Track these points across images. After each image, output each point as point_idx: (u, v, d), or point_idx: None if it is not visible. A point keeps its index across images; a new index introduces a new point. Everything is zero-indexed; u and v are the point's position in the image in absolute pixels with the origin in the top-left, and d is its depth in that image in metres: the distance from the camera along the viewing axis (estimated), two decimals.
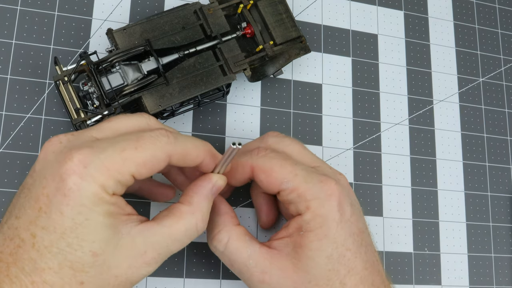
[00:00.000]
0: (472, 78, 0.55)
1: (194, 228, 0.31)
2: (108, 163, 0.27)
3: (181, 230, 0.30)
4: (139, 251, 0.29)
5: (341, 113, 0.50)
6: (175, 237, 0.30)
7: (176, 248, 0.31)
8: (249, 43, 0.45)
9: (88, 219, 0.27)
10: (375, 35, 0.53)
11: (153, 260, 0.29)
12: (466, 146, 0.53)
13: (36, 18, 0.43)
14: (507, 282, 0.51)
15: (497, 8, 0.58)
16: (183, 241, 0.31)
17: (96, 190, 0.27)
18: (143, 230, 0.29)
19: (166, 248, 0.30)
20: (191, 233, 0.31)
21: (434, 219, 0.50)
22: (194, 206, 0.31)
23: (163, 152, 0.30)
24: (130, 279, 0.29)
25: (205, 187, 0.33)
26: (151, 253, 0.29)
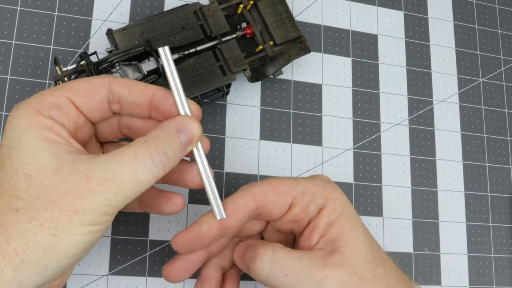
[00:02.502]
0: (472, 78, 0.55)
1: (147, 156, 0.27)
2: (43, 91, 0.27)
3: (130, 155, 0.26)
4: (80, 176, 0.25)
5: (341, 113, 0.50)
6: (123, 162, 0.26)
7: (127, 177, 0.26)
8: (249, 44, 0.45)
9: (20, 141, 0.26)
10: (375, 36, 0.53)
11: (100, 187, 0.25)
12: (466, 146, 0.53)
13: (36, 19, 0.43)
14: (507, 282, 0.51)
15: (497, 8, 0.58)
16: (134, 168, 0.26)
17: (28, 113, 0.26)
18: (88, 158, 0.26)
19: (113, 174, 0.26)
20: (142, 160, 0.26)
21: (434, 219, 0.50)
22: (149, 135, 0.28)
23: (99, 78, 0.29)
24: (73, 206, 0.25)
25: (165, 122, 0.29)
26: (95, 178, 0.25)
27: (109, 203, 0.26)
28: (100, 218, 0.26)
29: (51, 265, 0.25)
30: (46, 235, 0.25)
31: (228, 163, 0.45)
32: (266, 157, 0.46)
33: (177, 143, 0.28)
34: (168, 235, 0.42)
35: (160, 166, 0.27)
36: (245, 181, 0.45)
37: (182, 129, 0.29)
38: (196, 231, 0.33)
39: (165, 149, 0.27)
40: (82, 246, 0.26)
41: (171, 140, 0.28)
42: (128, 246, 0.41)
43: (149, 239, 0.42)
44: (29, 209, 0.25)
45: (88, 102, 0.28)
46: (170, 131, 0.28)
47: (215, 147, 0.45)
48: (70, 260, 0.26)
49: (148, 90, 0.29)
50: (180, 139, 0.28)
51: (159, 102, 0.30)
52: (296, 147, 0.47)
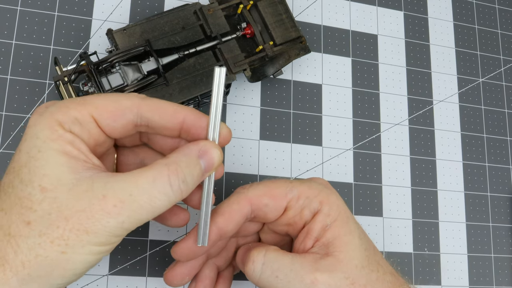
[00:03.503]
0: (472, 78, 0.55)
1: (166, 179, 0.26)
2: (68, 103, 0.27)
3: (148, 179, 0.26)
4: (96, 195, 0.25)
5: (341, 114, 0.50)
6: (141, 185, 0.26)
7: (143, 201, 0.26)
8: (249, 44, 0.45)
9: (41, 151, 0.25)
10: (375, 36, 0.53)
11: (114, 209, 0.25)
12: (466, 146, 0.53)
13: (36, 19, 0.43)
14: (506, 282, 0.51)
15: (497, 8, 0.58)
16: (151, 193, 0.26)
17: (50, 123, 0.26)
18: (106, 176, 0.26)
19: (129, 196, 0.25)
20: (161, 185, 0.26)
21: (434, 219, 0.50)
22: (170, 158, 0.27)
23: (128, 99, 0.28)
24: (85, 226, 0.25)
25: (188, 147, 0.28)
26: (111, 199, 0.25)
27: (122, 226, 0.25)
28: (111, 240, 0.26)
29: (57, 281, 0.25)
30: (55, 252, 0.24)
31: (228, 163, 0.45)
32: (266, 157, 0.46)
33: (197, 169, 0.28)
34: (168, 235, 0.42)
35: (178, 192, 0.27)
36: (245, 181, 0.45)
37: (203, 155, 0.28)
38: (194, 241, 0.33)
39: (185, 176, 0.27)
40: (89, 265, 0.26)
41: (192, 166, 0.28)
42: (128, 246, 0.41)
43: (149, 239, 0.42)
44: (41, 224, 0.24)
45: (113, 124, 0.28)
46: (192, 157, 0.28)
47: None
48: (76, 277, 0.26)
49: (179, 114, 0.29)
50: (200, 166, 0.28)
51: (190, 126, 0.29)
52: (296, 147, 0.47)
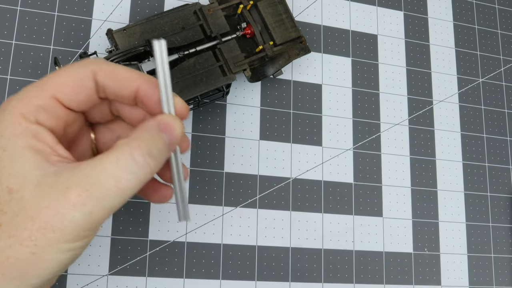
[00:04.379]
0: (471, 78, 0.55)
1: (129, 158, 0.25)
2: (28, 90, 0.26)
3: (111, 160, 0.24)
4: (60, 189, 0.24)
5: (341, 114, 0.50)
6: (105, 169, 0.24)
7: (109, 184, 0.24)
8: (249, 44, 0.45)
9: (6, 150, 0.24)
10: (375, 36, 0.53)
11: (79, 199, 0.23)
12: (466, 146, 0.53)
13: (36, 19, 0.43)
14: (506, 282, 0.51)
15: (496, 8, 0.58)
16: (116, 174, 0.24)
17: (13, 118, 0.25)
18: (72, 167, 0.25)
19: (94, 183, 0.24)
20: (125, 163, 0.25)
21: (434, 220, 0.50)
22: (131, 137, 0.26)
23: (85, 68, 0.27)
24: (51, 224, 0.23)
25: (147, 122, 0.27)
26: (75, 189, 0.24)
27: (90, 217, 0.24)
28: (80, 234, 0.24)
29: (33, 280, 0.24)
30: (25, 253, 0.23)
31: (228, 163, 0.45)
32: (266, 157, 0.46)
33: (161, 142, 0.27)
34: (168, 235, 0.42)
35: (145, 168, 0.25)
36: (245, 181, 0.45)
37: (164, 128, 0.27)
38: None
39: (150, 149, 0.26)
40: (64, 263, 0.25)
41: (155, 139, 0.26)
42: (128, 246, 0.41)
43: (149, 239, 0.42)
44: (10, 225, 0.24)
45: (76, 98, 0.27)
46: (153, 130, 0.27)
47: (215, 147, 0.45)
48: (53, 275, 0.25)
49: (134, 83, 0.28)
50: (163, 138, 0.27)
51: (144, 97, 0.28)
52: (296, 147, 0.47)
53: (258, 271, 0.44)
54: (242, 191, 0.45)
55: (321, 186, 0.47)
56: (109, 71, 0.27)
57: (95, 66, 0.27)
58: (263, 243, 0.44)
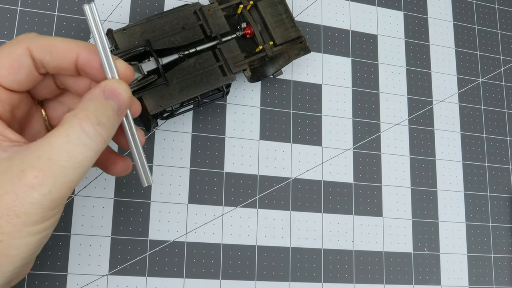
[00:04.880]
0: (471, 78, 0.55)
1: (80, 131, 0.24)
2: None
3: (61, 138, 0.24)
4: (15, 173, 0.23)
5: (341, 114, 0.50)
6: (57, 145, 0.24)
7: (63, 161, 0.24)
8: (249, 44, 0.45)
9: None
10: (375, 36, 0.53)
11: (36, 180, 0.23)
12: (466, 146, 0.53)
13: (36, 19, 0.43)
14: (506, 282, 0.51)
15: (496, 8, 0.58)
16: (71, 150, 0.24)
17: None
18: (24, 150, 0.24)
19: (48, 161, 0.23)
20: (75, 136, 0.24)
21: (434, 219, 0.50)
22: (78, 108, 0.25)
23: (18, 45, 0.25)
24: (13, 210, 0.23)
25: (91, 91, 0.26)
26: (30, 171, 0.23)
27: (51, 196, 0.24)
28: (46, 214, 0.24)
29: (8, 268, 0.24)
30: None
31: (228, 163, 0.45)
32: (266, 157, 0.46)
33: (109, 109, 0.26)
34: (168, 235, 0.42)
35: (97, 138, 0.25)
36: (245, 181, 0.45)
37: (110, 94, 0.26)
38: None
39: (99, 118, 0.25)
40: (35, 246, 0.25)
41: (102, 107, 0.26)
42: (128, 246, 0.41)
43: (149, 239, 0.42)
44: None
45: (16, 78, 0.26)
46: (99, 98, 0.26)
47: (215, 147, 0.45)
48: (27, 259, 0.25)
49: (72, 53, 0.27)
50: (111, 105, 0.26)
51: (84, 65, 0.27)
52: (296, 147, 0.47)
53: (258, 271, 0.44)
54: (242, 191, 0.45)
55: (321, 186, 0.47)
56: (44, 45, 0.26)
57: (28, 41, 0.26)
58: (263, 243, 0.44)
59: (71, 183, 0.24)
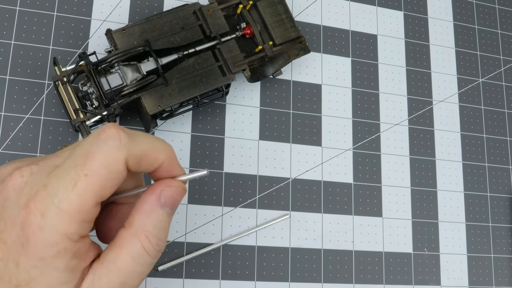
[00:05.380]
0: (471, 78, 0.55)
1: (143, 252, 0.25)
2: (64, 206, 0.23)
3: (128, 261, 0.25)
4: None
5: (340, 114, 0.49)
6: (125, 271, 0.25)
7: (138, 281, 0.25)
8: (248, 44, 0.45)
9: (43, 273, 0.23)
10: (375, 36, 0.53)
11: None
12: (466, 146, 0.53)
13: (35, 19, 0.43)
14: (506, 282, 0.51)
15: (497, 8, 0.58)
16: (139, 271, 0.25)
17: (56, 240, 0.23)
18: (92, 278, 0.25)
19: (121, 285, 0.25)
20: (142, 260, 0.25)
21: (434, 220, 0.50)
22: (135, 227, 0.26)
23: (117, 161, 0.24)
24: None
25: (148, 201, 0.26)
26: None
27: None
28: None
29: None
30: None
31: (228, 163, 0.45)
32: (266, 157, 0.46)
33: (166, 221, 0.26)
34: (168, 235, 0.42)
35: (158, 253, 0.26)
36: (244, 181, 0.45)
37: (167, 203, 0.27)
38: None
39: (158, 237, 0.26)
40: None
41: (159, 223, 0.26)
42: None
43: None
44: None
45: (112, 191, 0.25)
46: (155, 212, 0.26)
47: (214, 148, 0.45)
48: None
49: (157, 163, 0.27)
50: (167, 213, 0.27)
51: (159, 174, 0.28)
52: (296, 147, 0.47)
53: (258, 271, 0.44)
54: (242, 191, 0.45)
55: (321, 186, 0.47)
56: (138, 155, 0.26)
57: (126, 153, 0.25)
58: (263, 243, 0.44)
59: None
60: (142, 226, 0.26)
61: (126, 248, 0.25)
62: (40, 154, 0.41)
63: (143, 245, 0.25)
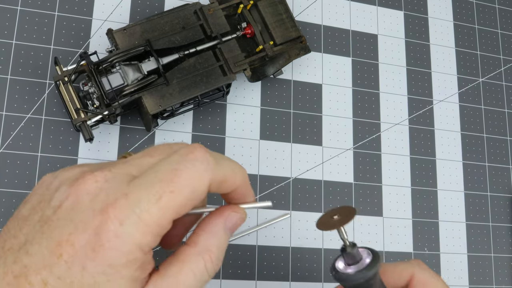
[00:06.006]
0: (472, 78, 0.55)
1: (204, 270, 0.27)
2: (145, 217, 0.24)
3: (189, 277, 0.26)
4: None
5: (341, 113, 0.50)
6: (184, 286, 0.26)
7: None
8: (249, 43, 0.45)
9: (110, 280, 0.24)
10: (375, 35, 0.53)
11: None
12: (466, 146, 0.53)
13: (36, 18, 0.43)
14: (506, 282, 0.51)
15: (497, 8, 0.58)
16: (196, 287, 0.26)
17: (130, 249, 0.24)
18: None
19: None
20: (202, 277, 0.26)
21: (434, 219, 0.50)
22: (200, 246, 0.27)
23: (202, 183, 0.25)
24: None
25: (214, 223, 0.28)
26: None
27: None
28: None
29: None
30: None
31: None
32: (266, 157, 0.46)
33: (226, 245, 0.28)
34: None
35: (214, 274, 0.27)
36: None
37: (230, 228, 0.28)
38: None
39: (218, 259, 0.27)
40: None
41: (222, 245, 0.28)
42: None
43: None
44: None
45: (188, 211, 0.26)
46: (220, 235, 0.28)
47: (215, 147, 0.45)
48: None
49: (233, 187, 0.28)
50: (227, 238, 0.28)
51: (232, 197, 0.29)
52: (296, 147, 0.47)
53: (259, 270, 0.44)
54: None
55: (321, 186, 0.47)
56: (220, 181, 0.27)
57: (210, 177, 0.26)
58: (263, 243, 0.44)
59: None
60: (207, 246, 0.27)
61: (189, 264, 0.26)
62: (41, 153, 0.41)
63: (206, 264, 0.26)
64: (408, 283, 0.33)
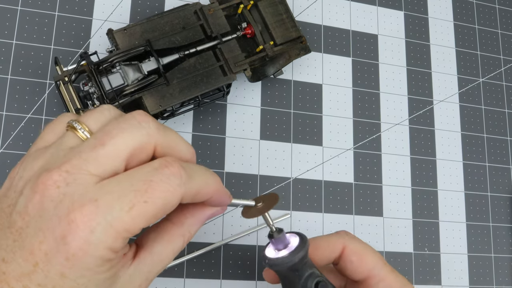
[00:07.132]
0: (472, 78, 0.55)
1: (181, 247, 0.29)
2: (116, 224, 0.24)
3: (169, 255, 0.29)
4: (134, 286, 0.27)
5: (341, 113, 0.50)
6: (164, 262, 0.29)
7: (162, 270, 0.30)
8: (249, 44, 0.45)
9: (90, 280, 0.25)
10: (375, 35, 0.53)
11: (144, 287, 0.28)
12: (466, 146, 0.53)
13: (36, 18, 0.43)
14: (507, 282, 0.51)
15: (497, 8, 0.58)
16: (169, 261, 0.29)
17: (103, 253, 0.24)
18: (137, 265, 0.28)
19: (155, 273, 0.29)
20: (177, 252, 0.29)
21: (434, 219, 0.50)
22: (185, 227, 0.29)
23: (175, 197, 0.26)
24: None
25: (202, 211, 0.30)
26: (144, 282, 0.28)
27: None
28: None
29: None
30: None
31: (228, 163, 0.45)
32: (266, 157, 0.46)
33: None
34: None
35: None
36: (245, 181, 0.45)
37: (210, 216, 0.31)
38: None
39: (192, 234, 0.30)
40: None
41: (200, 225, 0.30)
42: None
43: None
44: None
45: (156, 220, 0.27)
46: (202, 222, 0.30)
47: (215, 147, 0.45)
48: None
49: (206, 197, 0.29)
50: None
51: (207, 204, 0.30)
52: (296, 147, 0.47)
53: (259, 270, 0.44)
54: (243, 191, 0.45)
55: (322, 186, 0.47)
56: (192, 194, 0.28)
57: (183, 191, 0.27)
58: (264, 243, 0.44)
59: None
60: (190, 229, 0.30)
61: (172, 244, 0.29)
62: None
63: (183, 243, 0.29)
64: (341, 253, 0.35)
